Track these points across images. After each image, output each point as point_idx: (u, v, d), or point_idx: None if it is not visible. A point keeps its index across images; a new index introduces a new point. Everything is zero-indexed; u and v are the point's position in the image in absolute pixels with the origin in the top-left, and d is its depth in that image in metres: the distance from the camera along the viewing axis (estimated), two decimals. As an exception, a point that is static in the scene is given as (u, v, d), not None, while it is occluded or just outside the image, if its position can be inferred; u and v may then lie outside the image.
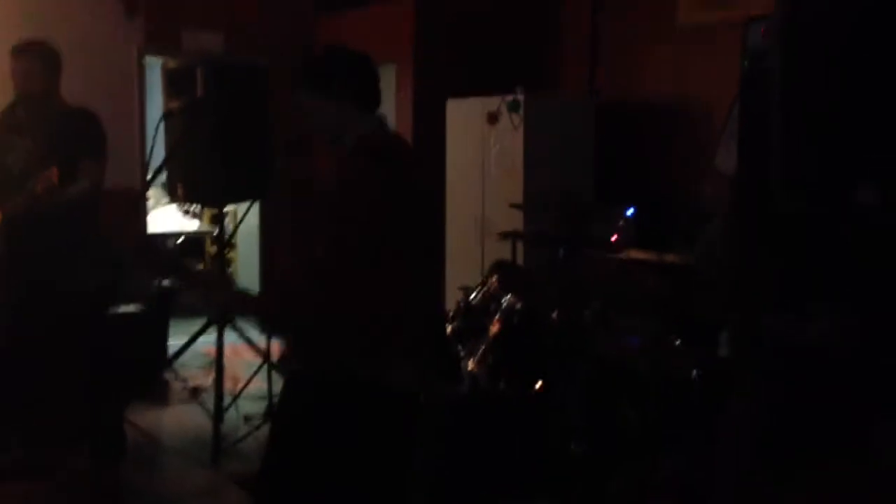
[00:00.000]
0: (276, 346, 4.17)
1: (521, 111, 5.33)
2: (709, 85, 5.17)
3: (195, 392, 4.83)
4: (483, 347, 3.52)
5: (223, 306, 2.67)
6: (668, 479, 3.22)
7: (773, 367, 3.18)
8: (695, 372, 3.35)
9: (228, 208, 4.93)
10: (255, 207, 6.55)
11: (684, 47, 5.37)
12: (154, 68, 6.70)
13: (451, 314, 3.82)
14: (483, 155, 5.63)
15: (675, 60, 5.43)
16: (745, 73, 4.68)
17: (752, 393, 3.27)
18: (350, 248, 2.04)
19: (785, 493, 2.98)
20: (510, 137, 5.41)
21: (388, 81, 6.33)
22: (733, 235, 4.27)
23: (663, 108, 5.50)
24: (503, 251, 5.02)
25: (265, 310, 2.18)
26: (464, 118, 5.80)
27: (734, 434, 3.18)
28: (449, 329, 3.70)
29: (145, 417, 4.68)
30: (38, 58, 3.63)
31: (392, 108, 6.26)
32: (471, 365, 3.52)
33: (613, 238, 4.28)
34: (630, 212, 4.88)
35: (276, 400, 4.37)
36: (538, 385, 3.46)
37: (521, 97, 5.36)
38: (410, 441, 2.25)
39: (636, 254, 4.29)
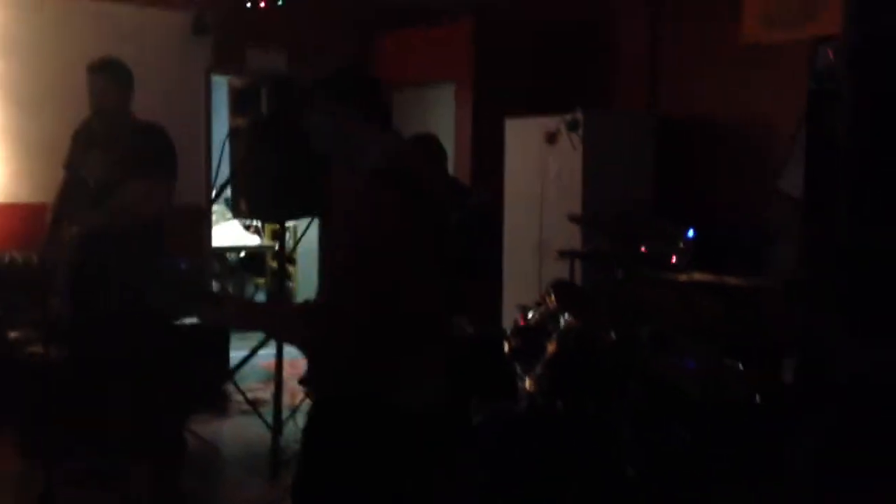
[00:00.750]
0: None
1: (581, 130, 5.33)
2: (772, 105, 5.11)
3: (254, 404, 4.90)
4: (540, 367, 3.51)
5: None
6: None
7: (842, 394, 3.11)
8: (757, 397, 3.30)
9: (289, 224, 5.02)
10: (316, 223, 6.67)
11: (748, 66, 5.31)
12: (220, 86, 6.89)
13: (508, 333, 3.82)
14: (542, 174, 5.63)
15: (738, 79, 5.37)
16: (811, 94, 4.63)
17: (819, 421, 3.20)
18: (367, 276, 2.02)
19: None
20: (569, 157, 5.41)
21: (447, 100, 6.38)
22: (802, 259, 4.21)
23: (725, 128, 5.44)
24: (561, 270, 5.01)
25: (288, 334, 2.19)
26: (522, 137, 5.81)
27: (797, 461, 3.12)
28: (506, 348, 3.71)
29: (206, 428, 4.77)
30: (111, 75, 3.76)
31: (451, 127, 6.31)
32: (528, 384, 3.52)
33: (672, 259, 4.24)
34: (690, 232, 4.83)
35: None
36: (594, 405, 3.44)
37: (580, 116, 5.35)
38: (432, 462, 2.24)
39: (695, 275, 4.24)
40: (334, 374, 2.13)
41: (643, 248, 4.02)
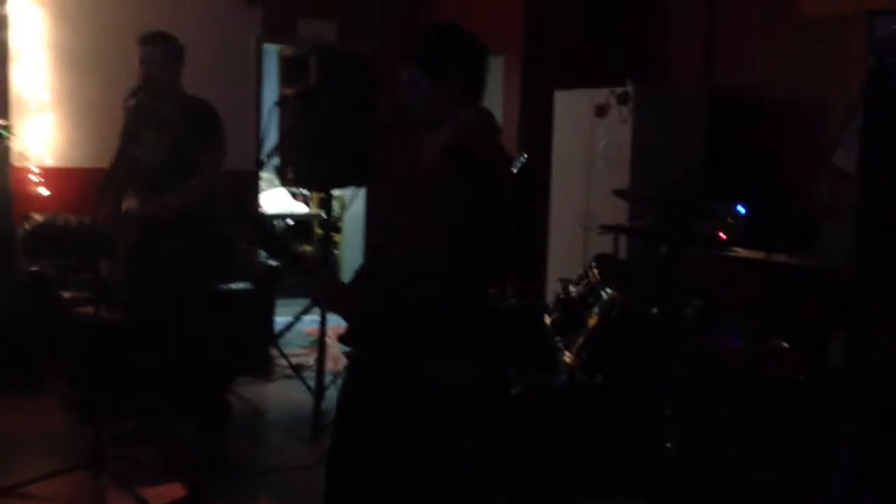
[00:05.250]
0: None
1: (631, 103, 5.25)
2: (828, 79, 4.96)
3: (298, 369, 4.98)
4: (581, 340, 3.50)
5: (316, 294, 2.61)
6: (762, 487, 3.14)
7: (887, 377, 3.04)
8: (802, 377, 3.24)
9: (336, 193, 5.05)
10: (362, 192, 6.70)
11: (805, 40, 5.16)
12: (271, 55, 6.93)
13: (550, 306, 3.81)
14: (590, 148, 5.57)
15: (794, 53, 5.23)
16: (870, 68, 4.49)
17: (864, 403, 3.14)
18: (421, 248, 2.02)
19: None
20: (618, 130, 5.34)
21: (497, 71, 6.33)
22: (855, 237, 4.11)
23: (779, 103, 5.31)
24: (606, 245, 4.97)
25: (348, 309, 2.17)
26: (571, 110, 5.75)
27: (840, 446, 3.07)
28: (548, 320, 3.70)
29: (251, 391, 4.86)
30: (162, 48, 3.80)
31: (499, 98, 6.27)
32: (568, 357, 3.51)
33: (721, 235, 4.17)
34: (739, 209, 4.75)
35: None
36: (635, 380, 3.42)
37: (630, 89, 5.27)
38: (466, 433, 2.24)
39: (744, 252, 4.17)
40: (379, 340, 2.13)
41: (691, 225, 3.95)
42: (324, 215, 5.11)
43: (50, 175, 5.63)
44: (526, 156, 2.30)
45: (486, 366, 2.21)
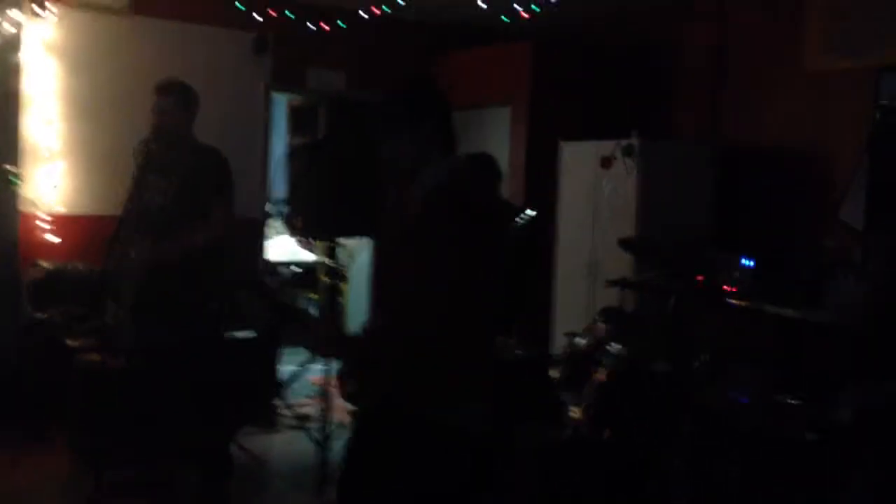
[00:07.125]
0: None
1: (636, 156, 5.28)
2: (835, 134, 5.00)
3: (303, 420, 4.94)
4: (588, 395, 3.48)
5: (318, 347, 2.60)
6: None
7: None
8: (810, 435, 3.22)
9: (343, 241, 5.06)
10: (368, 242, 6.72)
11: (810, 95, 5.21)
12: (280, 104, 7.00)
13: (556, 358, 3.79)
14: (595, 199, 5.60)
15: (800, 108, 5.28)
16: (876, 124, 4.52)
17: (875, 459, 3.11)
18: (427, 294, 2.04)
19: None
20: (623, 182, 5.36)
21: (503, 122, 6.39)
22: (864, 293, 4.10)
23: (786, 157, 5.34)
24: (613, 295, 4.96)
25: (353, 354, 2.20)
26: (577, 161, 5.78)
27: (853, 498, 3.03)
28: (554, 374, 3.68)
29: (254, 441, 4.82)
30: (178, 98, 3.83)
31: (506, 148, 6.31)
32: (575, 412, 3.49)
33: (728, 289, 4.16)
34: (747, 262, 4.74)
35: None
36: (643, 436, 3.39)
37: (635, 142, 5.31)
38: (472, 481, 2.24)
39: (752, 306, 4.15)
40: (384, 388, 2.14)
41: (698, 278, 3.95)
42: (330, 264, 5.12)
43: (60, 222, 5.65)
44: (533, 213, 2.33)
45: (493, 413, 2.22)
